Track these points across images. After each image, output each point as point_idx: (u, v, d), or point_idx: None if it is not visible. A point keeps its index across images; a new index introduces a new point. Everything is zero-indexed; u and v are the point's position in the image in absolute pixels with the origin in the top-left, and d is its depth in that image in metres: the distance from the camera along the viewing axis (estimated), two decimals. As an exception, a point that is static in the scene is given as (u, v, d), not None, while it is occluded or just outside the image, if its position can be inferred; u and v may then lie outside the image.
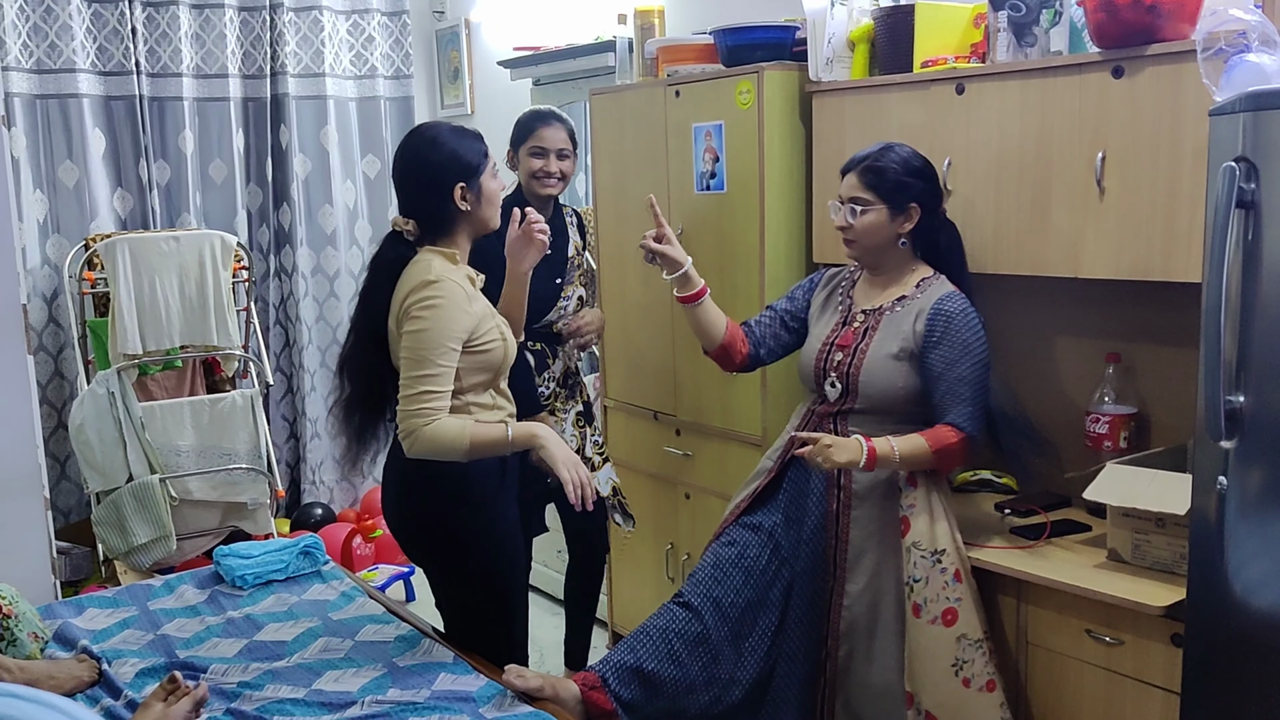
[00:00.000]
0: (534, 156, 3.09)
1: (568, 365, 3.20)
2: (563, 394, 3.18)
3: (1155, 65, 2.23)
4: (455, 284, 2.29)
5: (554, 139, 3.10)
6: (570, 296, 3.17)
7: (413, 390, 2.24)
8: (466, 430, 2.24)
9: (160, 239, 3.97)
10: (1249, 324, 1.86)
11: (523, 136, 3.13)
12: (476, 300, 2.35)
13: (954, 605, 2.37)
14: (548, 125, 3.11)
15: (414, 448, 2.25)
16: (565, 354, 3.19)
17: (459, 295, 2.28)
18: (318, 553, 3.03)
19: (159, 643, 2.57)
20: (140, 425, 3.88)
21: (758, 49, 3.01)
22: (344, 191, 5.01)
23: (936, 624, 2.37)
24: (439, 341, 2.24)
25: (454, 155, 2.34)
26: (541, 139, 3.09)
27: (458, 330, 2.26)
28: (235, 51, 4.70)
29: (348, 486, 5.14)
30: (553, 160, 3.09)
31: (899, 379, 2.44)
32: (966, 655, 2.36)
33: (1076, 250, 2.42)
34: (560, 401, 3.18)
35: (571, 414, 3.20)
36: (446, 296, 2.25)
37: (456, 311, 2.26)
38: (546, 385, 3.14)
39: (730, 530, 2.65)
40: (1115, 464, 2.40)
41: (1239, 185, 1.82)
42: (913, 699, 2.40)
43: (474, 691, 2.22)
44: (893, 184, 2.45)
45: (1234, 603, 1.93)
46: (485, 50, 4.96)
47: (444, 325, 2.24)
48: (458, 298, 2.27)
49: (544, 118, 3.14)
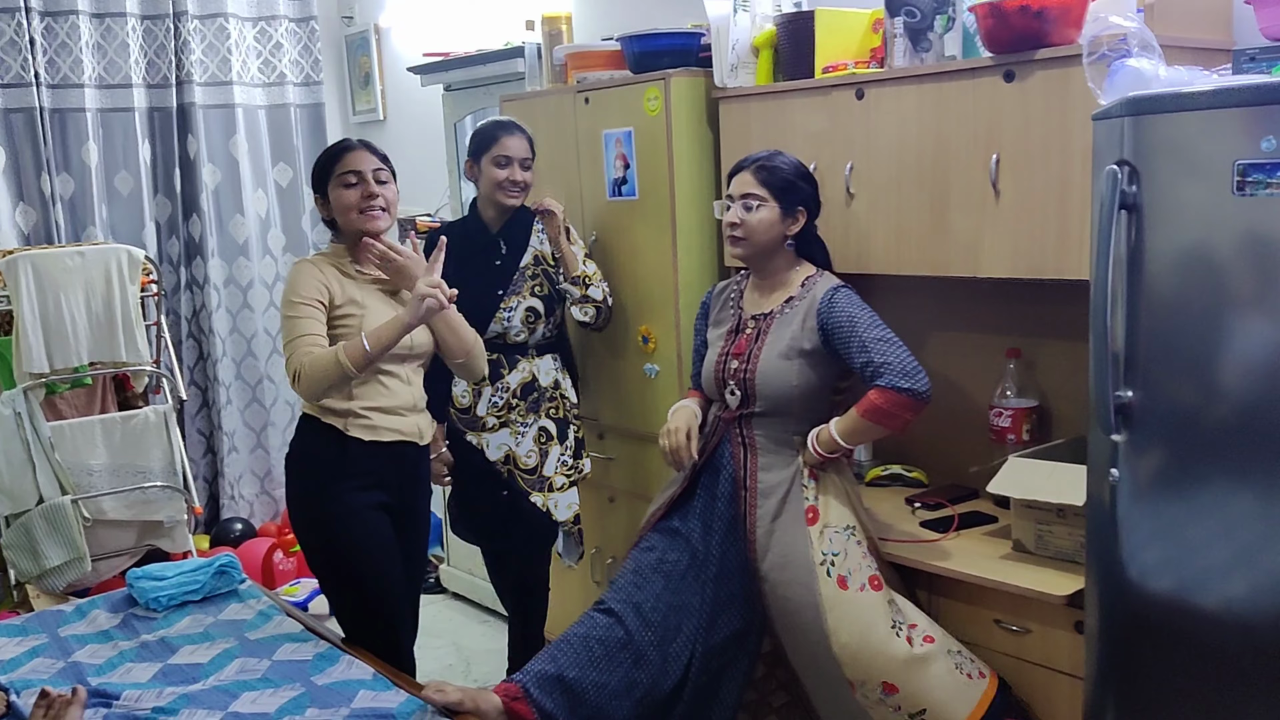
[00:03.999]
0: (498, 166, 3.01)
1: (531, 378, 3.08)
2: (521, 406, 3.07)
3: (1044, 69, 2.30)
4: (308, 263, 2.58)
5: (518, 148, 3.03)
6: (514, 308, 3.03)
7: (286, 343, 2.51)
8: (336, 349, 2.44)
9: (65, 254, 3.88)
10: (1135, 321, 1.93)
11: (485, 145, 3.04)
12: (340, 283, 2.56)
13: (876, 573, 2.41)
14: (511, 135, 3.03)
15: (303, 387, 2.46)
16: (529, 367, 3.08)
17: (303, 268, 2.55)
18: (234, 571, 3.00)
19: (70, 670, 2.52)
20: (50, 445, 3.79)
21: (664, 55, 3.04)
22: (255, 201, 4.93)
23: (865, 590, 2.38)
24: (287, 300, 2.51)
25: (315, 168, 2.64)
26: (506, 148, 3.01)
27: (300, 289, 2.50)
28: (139, 61, 4.61)
29: (268, 500, 5.07)
30: (517, 169, 3.02)
31: (792, 377, 2.48)
32: (899, 616, 2.38)
33: (975, 250, 2.49)
34: (519, 414, 3.07)
35: (533, 429, 3.08)
36: (292, 271, 2.57)
37: (299, 278, 2.53)
38: (499, 395, 3.06)
39: (649, 536, 2.68)
40: (1017, 457, 2.47)
41: (1121, 188, 1.88)
42: (855, 686, 2.37)
43: (394, 708, 2.22)
44: (784, 183, 2.50)
45: (1130, 589, 2.01)
46: (396, 56, 4.93)
47: (292, 291, 2.51)
48: (304, 269, 2.55)
49: (506, 127, 3.05)
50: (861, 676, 2.36)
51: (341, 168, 2.56)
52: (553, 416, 3.12)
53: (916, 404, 2.35)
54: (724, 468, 2.59)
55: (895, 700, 2.35)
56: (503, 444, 3.07)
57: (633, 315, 3.22)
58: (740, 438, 2.57)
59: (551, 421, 3.12)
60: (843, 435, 2.43)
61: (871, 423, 2.38)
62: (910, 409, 2.35)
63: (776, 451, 2.53)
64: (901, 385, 2.33)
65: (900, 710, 2.35)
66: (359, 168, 2.56)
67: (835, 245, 2.73)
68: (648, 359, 3.21)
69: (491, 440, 3.07)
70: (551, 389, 3.12)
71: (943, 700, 2.33)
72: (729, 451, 2.58)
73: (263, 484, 5.05)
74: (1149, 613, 1.99)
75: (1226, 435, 1.84)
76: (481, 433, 3.08)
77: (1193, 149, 1.82)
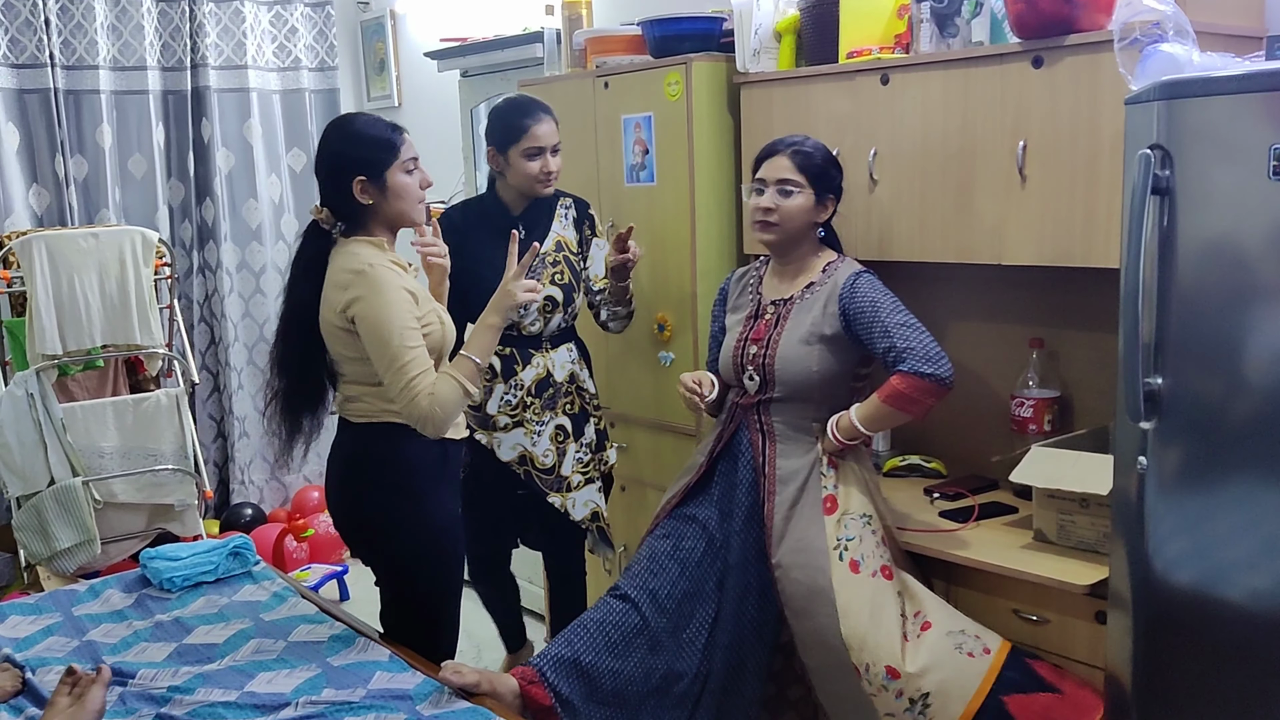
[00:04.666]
0: (529, 159, 2.81)
1: (546, 374, 2.93)
2: (536, 404, 2.91)
3: (1073, 55, 2.28)
4: (384, 268, 2.28)
5: (548, 135, 2.82)
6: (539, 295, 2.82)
7: (399, 383, 2.23)
8: (455, 379, 2.26)
9: (78, 236, 3.87)
10: (1166, 307, 1.91)
11: (512, 137, 2.82)
12: (409, 282, 2.34)
13: (888, 564, 2.40)
14: (539, 122, 2.82)
15: (432, 428, 2.26)
16: (543, 362, 2.92)
17: (390, 278, 2.27)
18: (248, 553, 2.98)
19: (84, 649, 2.51)
20: (61, 427, 3.79)
21: (685, 40, 3.02)
22: (269, 186, 4.93)
23: (877, 577, 2.37)
24: (396, 325, 2.23)
25: (356, 147, 2.32)
26: (536, 138, 2.80)
27: (406, 309, 2.26)
28: (154, 43, 4.60)
29: (278, 486, 5.06)
30: (549, 159, 2.83)
31: (812, 363, 2.46)
32: (906, 607, 2.37)
33: (1000, 238, 2.47)
34: (533, 413, 2.92)
35: (549, 427, 2.93)
36: (381, 281, 2.25)
37: (395, 294, 2.26)
38: (513, 393, 2.90)
39: (665, 523, 2.66)
40: (1040, 447, 2.45)
41: (1154, 172, 1.86)
42: (861, 672, 2.35)
43: (410, 689, 2.20)
44: (819, 169, 2.48)
45: (1155, 580, 1.99)
46: (411, 41, 4.91)
47: (393, 309, 2.24)
48: (389, 280, 2.27)
49: (531, 113, 2.82)
50: (868, 660, 2.34)
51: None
52: (569, 412, 2.98)
53: (939, 389, 2.33)
54: (742, 455, 2.57)
55: (898, 685, 2.32)
56: (517, 444, 2.93)
57: (649, 302, 3.20)
58: (758, 424, 2.55)
59: (567, 417, 2.98)
60: (863, 421, 2.41)
61: (893, 408, 2.36)
62: (933, 394, 2.34)
63: (795, 439, 2.51)
64: (924, 370, 2.31)
65: (903, 695, 2.32)
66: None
67: (858, 231, 2.72)
68: (663, 347, 3.19)
69: (504, 440, 2.93)
70: (567, 383, 2.97)
71: (944, 681, 2.30)
72: (747, 438, 2.57)
73: (273, 469, 5.04)
74: (1173, 604, 1.97)
75: (1256, 425, 1.82)
76: (493, 432, 2.94)
77: (1228, 133, 1.79)
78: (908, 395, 2.33)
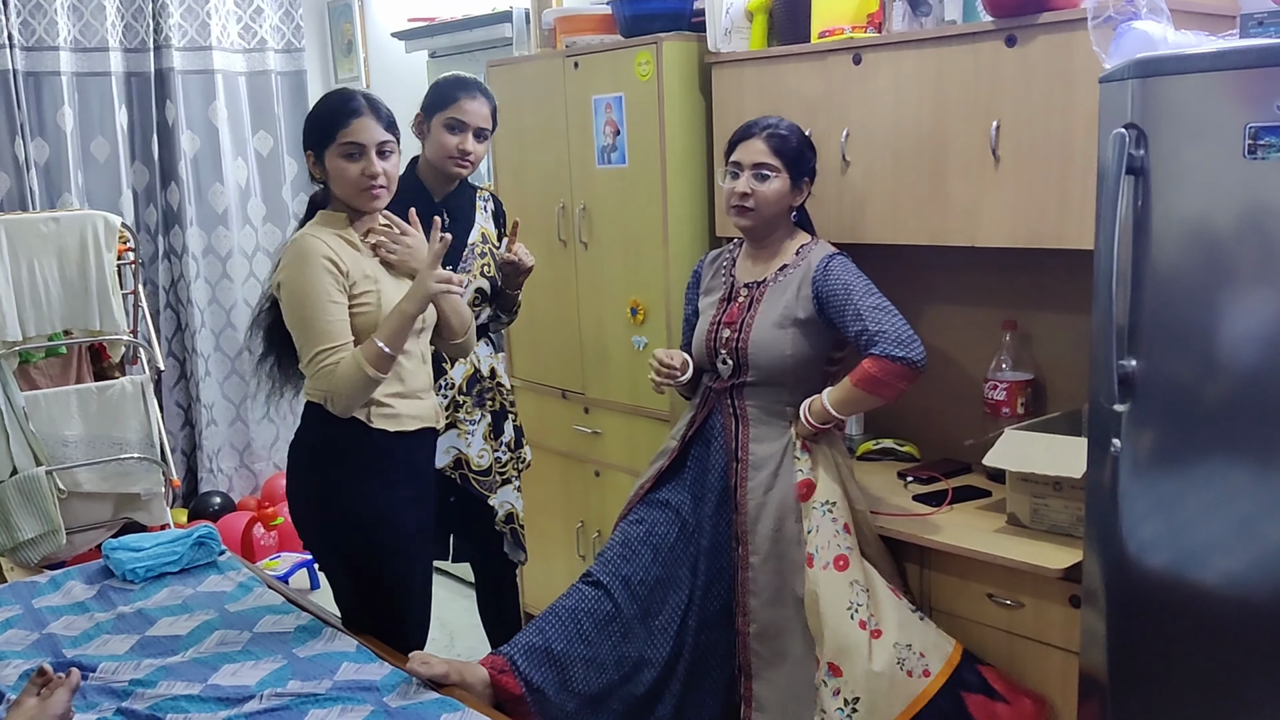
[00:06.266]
0: (450, 131, 2.66)
1: (474, 370, 2.81)
2: (468, 402, 2.80)
3: (1047, 34, 2.25)
4: (311, 238, 2.26)
5: (476, 114, 2.67)
6: (463, 288, 2.51)
7: (308, 357, 2.24)
8: (357, 360, 2.20)
9: (39, 220, 3.79)
10: (1140, 289, 1.89)
11: (440, 104, 2.68)
12: (353, 260, 2.29)
13: (845, 553, 2.36)
14: (472, 97, 2.68)
15: (337, 404, 2.24)
16: (472, 357, 2.79)
17: (313, 248, 2.24)
18: (213, 543, 2.94)
19: (44, 642, 2.46)
20: (23, 415, 3.71)
21: (656, 19, 2.98)
22: (235, 169, 4.84)
23: (829, 569, 2.34)
24: (310, 297, 2.22)
25: (310, 122, 2.34)
26: (462, 111, 2.66)
27: (324, 281, 2.22)
28: (115, 24, 4.50)
29: (247, 474, 5.00)
30: (469, 139, 2.67)
31: (786, 346, 2.44)
32: (859, 599, 2.33)
33: (973, 219, 2.44)
34: (465, 411, 2.79)
35: (481, 425, 2.83)
36: (303, 251, 2.24)
37: (313, 265, 2.22)
38: (444, 393, 2.75)
39: (638, 509, 2.64)
40: (1013, 430, 2.43)
41: (1129, 151, 1.84)
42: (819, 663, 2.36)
43: (378, 680, 2.17)
44: (795, 153, 2.45)
45: (1129, 562, 1.98)
46: (379, 22, 4.83)
47: (309, 281, 2.22)
48: (312, 250, 2.23)
49: (467, 86, 2.69)
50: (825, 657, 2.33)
51: (345, 136, 2.27)
52: (491, 409, 2.87)
53: (911, 373, 2.31)
54: (715, 439, 2.55)
55: (836, 684, 2.31)
56: (450, 447, 2.78)
57: (622, 286, 3.16)
58: (731, 408, 2.52)
59: (489, 414, 2.86)
60: (835, 405, 2.39)
61: (865, 392, 2.34)
62: (905, 378, 2.31)
63: (768, 423, 2.49)
64: (896, 354, 2.29)
65: (839, 695, 2.30)
66: (363, 140, 2.27)
67: (830, 213, 2.69)
68: (636, 330, 3.16)
69: (438, 444, 2.66)
70: (489, 378, 2.86)
71: (875, 692, 2.28)
72: (720, 423, 2.54)
73: (241, 457, 4.97)
74: (1148, 584, 1.96)
75: (1230, 407, 1.81)
76: None
77: (1203, 112, 1.77)
78: (879, 379, 2.31)
